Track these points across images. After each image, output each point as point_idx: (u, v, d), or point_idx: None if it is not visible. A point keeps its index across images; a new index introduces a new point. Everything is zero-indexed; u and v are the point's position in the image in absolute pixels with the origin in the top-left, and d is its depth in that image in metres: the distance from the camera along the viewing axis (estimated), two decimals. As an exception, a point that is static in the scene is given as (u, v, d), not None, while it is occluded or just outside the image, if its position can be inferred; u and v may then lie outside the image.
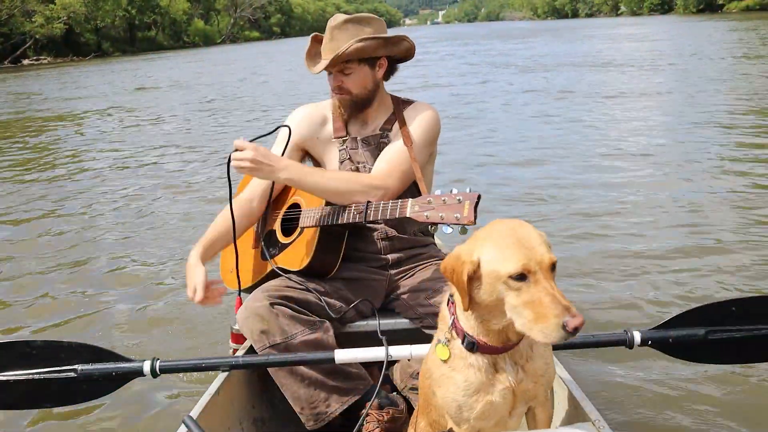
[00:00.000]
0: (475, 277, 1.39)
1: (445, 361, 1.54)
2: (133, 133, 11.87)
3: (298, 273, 2.25)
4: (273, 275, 2.31)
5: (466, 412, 1.52)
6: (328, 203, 2.23)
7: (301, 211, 2.35)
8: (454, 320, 1.52)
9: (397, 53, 2.36)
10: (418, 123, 2.34)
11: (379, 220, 2.10)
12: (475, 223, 1.85)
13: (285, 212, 2.41)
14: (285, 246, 2.35)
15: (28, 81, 29.56)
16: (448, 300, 1.57)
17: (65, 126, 13.49)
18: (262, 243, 2.41)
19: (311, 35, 2.36)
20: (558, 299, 1.31)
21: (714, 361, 2.03)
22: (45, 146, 11.18)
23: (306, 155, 2.46)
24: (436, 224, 1.93)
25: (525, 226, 1.41)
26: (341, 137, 2.38)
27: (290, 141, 2.31)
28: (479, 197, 1.89)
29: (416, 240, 2.47)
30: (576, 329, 1.28)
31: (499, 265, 1.35)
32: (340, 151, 2.38)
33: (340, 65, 2.24)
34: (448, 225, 1.89)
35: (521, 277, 1.33)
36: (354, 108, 2.33)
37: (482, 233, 1.42)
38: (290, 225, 2.39)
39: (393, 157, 2.28)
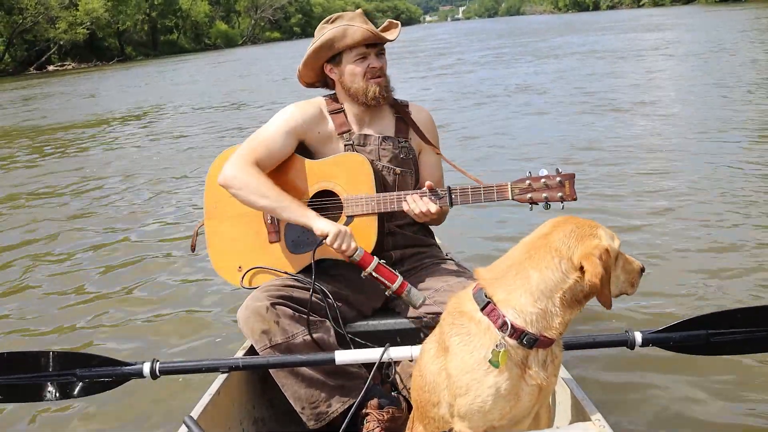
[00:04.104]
0: None
1: (497, 367, 1.45)
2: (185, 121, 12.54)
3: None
4: (308, 269, 2.22)
5: (495, 413, 1.48)
6: (380, 190, 2.26)
7: (334, 198, 2.28)
8: (510, 322, 1.45)
9: None
10: (429, 129, 2.47)
11: (469, 203, 2.19)
12: (576, 198, 2.14)
13: (311, 200, 2.30)
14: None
15: (66, 85, 30.12)
16: (485, 306, 1.49)
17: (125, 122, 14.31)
18: (283, 235, 2.33)
19: (322, 23, 2.35)
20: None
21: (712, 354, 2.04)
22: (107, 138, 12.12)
23: (299, 147, 2.37)
24: (535, 203, 2.15)
25: None
26: (347, 131, 2.37)
27: (293, 127, 2.33)
28: (574, 176, 2.14)
29: (419, 239, 2.48)
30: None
31: (616, 242, 1.51)
32: (345, 146, 2.36)
33: (380, 47, 2.34)
34: (550, 203, 2.14)
35: None
36: (381, 96, 2.31)
37: (579, 230, 1.48)
38: (326, 214, 2.26)
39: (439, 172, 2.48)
